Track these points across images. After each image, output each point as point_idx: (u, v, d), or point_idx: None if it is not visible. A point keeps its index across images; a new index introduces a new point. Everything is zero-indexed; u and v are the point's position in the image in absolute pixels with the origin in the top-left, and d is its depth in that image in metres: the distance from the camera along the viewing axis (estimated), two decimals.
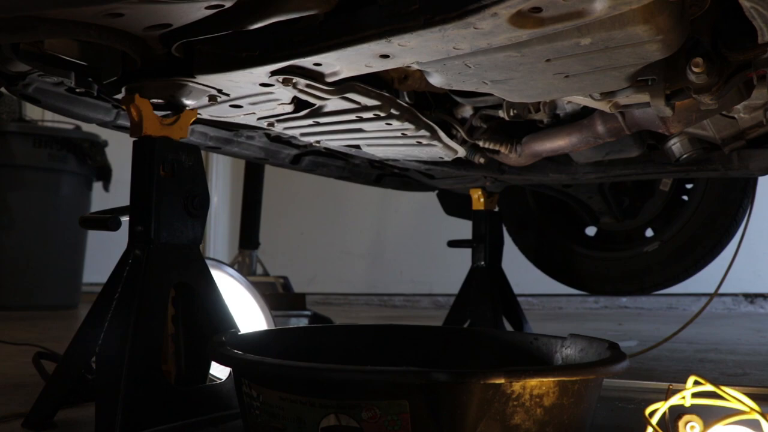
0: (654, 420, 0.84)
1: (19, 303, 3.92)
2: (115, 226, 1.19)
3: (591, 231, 2.61)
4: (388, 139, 1.48)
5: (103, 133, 3.85)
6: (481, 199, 2.24)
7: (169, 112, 1.20)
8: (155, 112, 1.18)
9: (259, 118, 1.37)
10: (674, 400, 0.87)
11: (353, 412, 0.75)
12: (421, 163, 1.86)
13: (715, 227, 2.28)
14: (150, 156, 1.15)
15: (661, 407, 0.86)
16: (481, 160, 1.64)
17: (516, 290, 2.35)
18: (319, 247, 5.68)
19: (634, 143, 1.56)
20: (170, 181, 1.16)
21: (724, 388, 0.84)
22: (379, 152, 1.66)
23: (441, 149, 1.57)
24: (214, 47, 1.07)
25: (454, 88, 1.11)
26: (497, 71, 1.02)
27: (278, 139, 1.77)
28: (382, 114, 1.29)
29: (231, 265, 1.61)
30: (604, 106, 1.19)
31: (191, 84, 1.14)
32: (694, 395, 0.87)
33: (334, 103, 1.23)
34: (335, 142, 1.57)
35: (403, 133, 1.43)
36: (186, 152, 1.19)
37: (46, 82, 1.33)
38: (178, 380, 1.16)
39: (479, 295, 2.24)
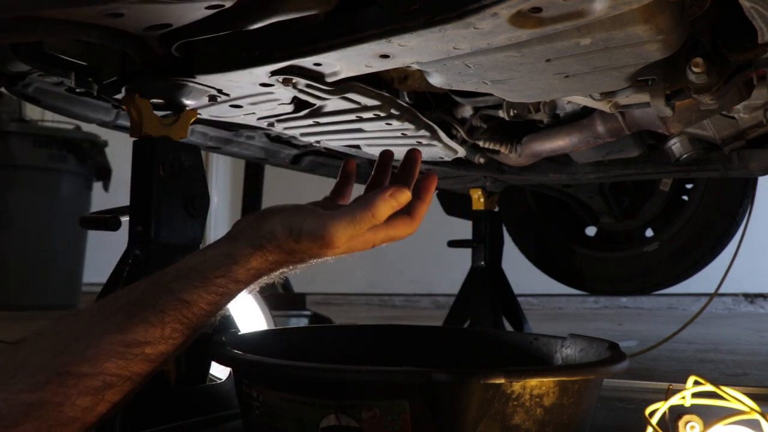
0: (654, 420, 0.84)
1: (19, 303, 3.92)
2: (115, 226, 1.19)
3: (591, 231, 2.61)
4: (388, 139, 1.47)
5: (103, 133, 3.86)
6: (481, 199, 2.24)
7: (169, 112, 1.20)
8: (155, 112, 1.18)
9: (259, 118, 1.37)
10: (674, 400, 0.87)
11: (353, 412, 0.75)
12: (421, 163, 1.86)
13: (715, 227, 2.28)
14: (150, 156, 1.15)
15: (661, 407, 0.86)
16: (481, 160, 1.64)
17: (516, 290, 2.35)
18: None
19: (634, 143, 1.56)
20: (170, 181, 1.16)
21: (724, 388, 0.84)
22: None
23: (441, 149, 1.57)
24: (214, 47, 1.07)
25: (454, 88, 1.11)
26: (497, 71, 1.02)
27: (278, 139, 1.77)
28: (382, 114, 1.29)
29: None
30: (604, 106, 1.19)
31: (191, 84, 1.14)
32: (694, 395, 0.87)
33: (334, 103, 1.23)
34: (335, 142, 1.57)
35: (403, 133, 1.43)
36: (186, 152, 1.19)
37: (46, 82, 1.34)
38: (178, 380, 1.16)
39: (479, 295, 2.24)
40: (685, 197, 2.41)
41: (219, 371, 1.24)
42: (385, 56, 0.97)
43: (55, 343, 0.71)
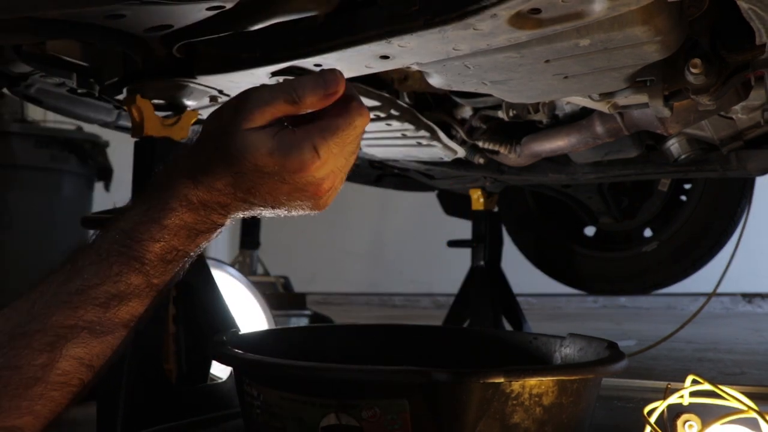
0: (652, 419, 0.85)
1: None
2: None
3: (590, 231, 2.62)
4: (388, 139, 1.48)
5: (105, 134, 3.85)
6: (481, 200, 2.25)
7: (170, 112, 1.21)
8: (156, 113, 1.18)
9: None
10: (673, 399, 0.88)
11: (353, 412, 0.75)
12: (421, 164, 1.86)
13: (713, 227, 2.29)
14: (151, 156, 1.16)
15: (660, 406, 0.87)
16: (481, 161, 1.64)
17: (516, 290, 2.35)
18: (319, 247, 5.68)
19: (632, 144, 1.56)
20: None
21: (722, 387, 0.84)
22: (379, 152, 1.66)
23: (441, 150, 1.57)
24: (215, 48, 1.08)
25: (454, 88, 1.12)
26: (497, 72, 1.03)
27: None
28: (383, 114, 1.29)
29: (232, 265, 1.61)
30: (603, 106, 1.20)
31: (192, 85, 1.14)
32: (693, 394, 0.88)
33: None
34: None
35: (403, 134, 1.43)
36: None
37: (48, 83, 1.34)
38: (179, 379, 1.16)
39: (479, 295, 2.25)
40: (684, 197, 2.41)
41: (220, 371, 1.24)
42: (385, 57, 0.97)
43: (6, 312, 0.70)
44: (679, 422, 0.83)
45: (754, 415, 0.82)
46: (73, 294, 0.70)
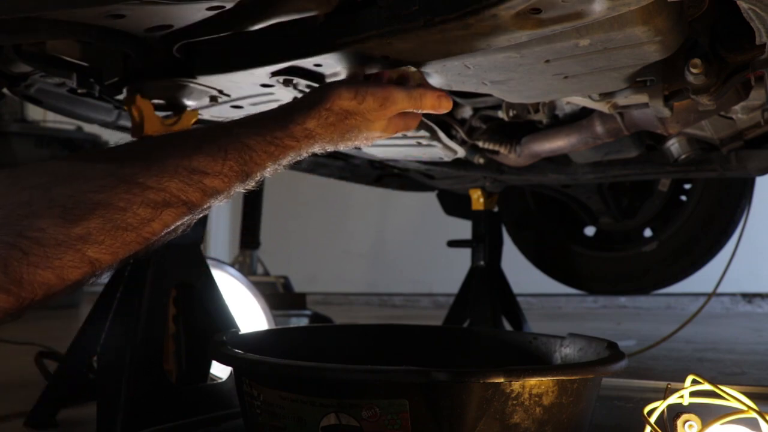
0: (652, 419, 0.85)
1: None
2: None
3: (590, 231, 2.62)
4: (387, 139, 1.48)
5: (105, 134, 3.86)
6: (481, 200, 2.25)
7: (170, 112, 1.21)
8: (156, 113, 1.18)
9: None
10: (672, 399, 0.88)
11: (353, 411, 0.75)
12: (421, 164, 1.86)
13: (713, 227, 2.29)
14: None
15: (660, 406, 0.87)
16: (481, 161, 1.64)
17: (516, 290, 2.35)
18: (319, 247, 5.68)
19: (632, 144, 1.56)
20: None
21: (722, 387, 0.85)
22: (379, 153, 1.66)
23: (441, 150, 1.57)
24: (215, 48, 1.08)
25: (454, 88, 1.12)
26: (497, 72, 1.03)
27: None
28: None
29: (232, 265, 1.62)
30: (602, 106, 1.20)
31: (192, 85, 1.14)
32: (693, 394, 0.88)
33: None
34: None
35: (403, 134, 1.43)
36: None
37: (48, 83, 1.34)
38: (179, 379, 1.17)
39: (479, 294, 2.25)
40: (684, 197, 2.41)
41: (220, 371, 1.25)
42: (385, 57, 0.97)
43: (122, 156, 0.75)
44: (679, 422, 0.83)
45: (754, 415, 0.82)
46: (191, 173, 0.76)
